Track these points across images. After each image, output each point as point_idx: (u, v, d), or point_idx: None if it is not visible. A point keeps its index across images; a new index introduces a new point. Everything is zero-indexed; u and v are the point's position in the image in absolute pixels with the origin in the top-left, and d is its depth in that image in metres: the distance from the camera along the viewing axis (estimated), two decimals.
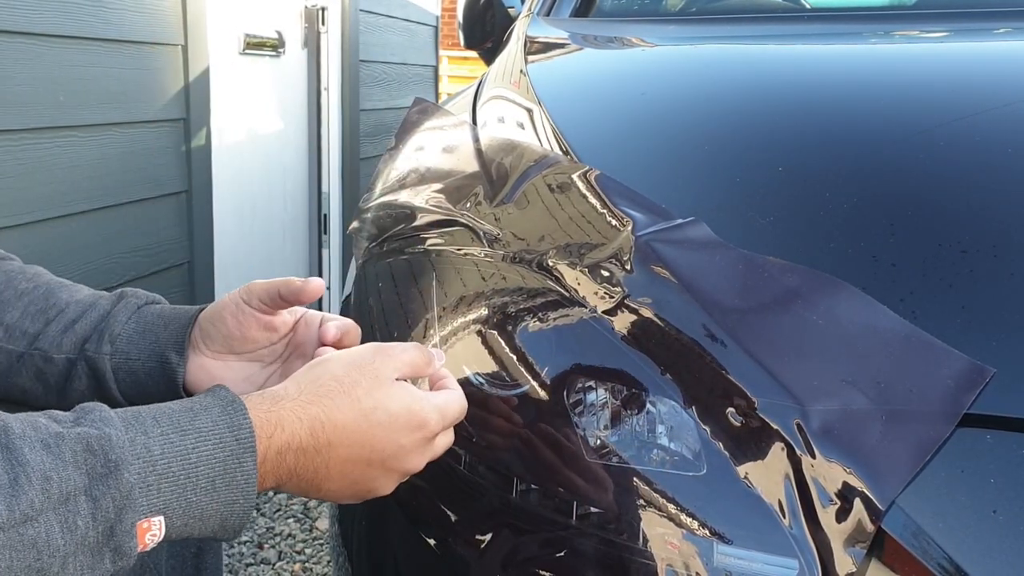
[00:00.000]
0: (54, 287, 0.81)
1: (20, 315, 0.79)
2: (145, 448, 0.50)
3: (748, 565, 0.53)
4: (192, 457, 0.51)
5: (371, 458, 0.59)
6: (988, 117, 0.78)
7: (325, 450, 0.57)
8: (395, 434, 0.59)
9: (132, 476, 0.49)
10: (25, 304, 0.80)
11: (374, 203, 0.98)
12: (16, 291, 0.81)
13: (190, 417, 0.53)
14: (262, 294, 0.72)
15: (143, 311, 0.78)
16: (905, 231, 0.66)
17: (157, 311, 0.78)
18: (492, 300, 0.72)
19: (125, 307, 0.78)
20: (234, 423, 0.53)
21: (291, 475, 0.56)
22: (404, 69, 3.60)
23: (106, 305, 0.79)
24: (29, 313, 0.79)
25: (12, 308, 0.80)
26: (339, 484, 0.59)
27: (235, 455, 0.53)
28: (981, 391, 0.54)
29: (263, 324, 0.73)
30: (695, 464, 0.57)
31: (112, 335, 0.77)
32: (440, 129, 1.07)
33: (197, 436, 0.52)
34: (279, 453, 0.55)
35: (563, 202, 0.79)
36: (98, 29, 1.72)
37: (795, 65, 1.03)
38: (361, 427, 0.58)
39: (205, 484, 0.52)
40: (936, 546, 0.50)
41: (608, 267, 0.68)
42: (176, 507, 0.51)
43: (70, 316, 0.79)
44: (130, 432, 0.51)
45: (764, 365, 0.58)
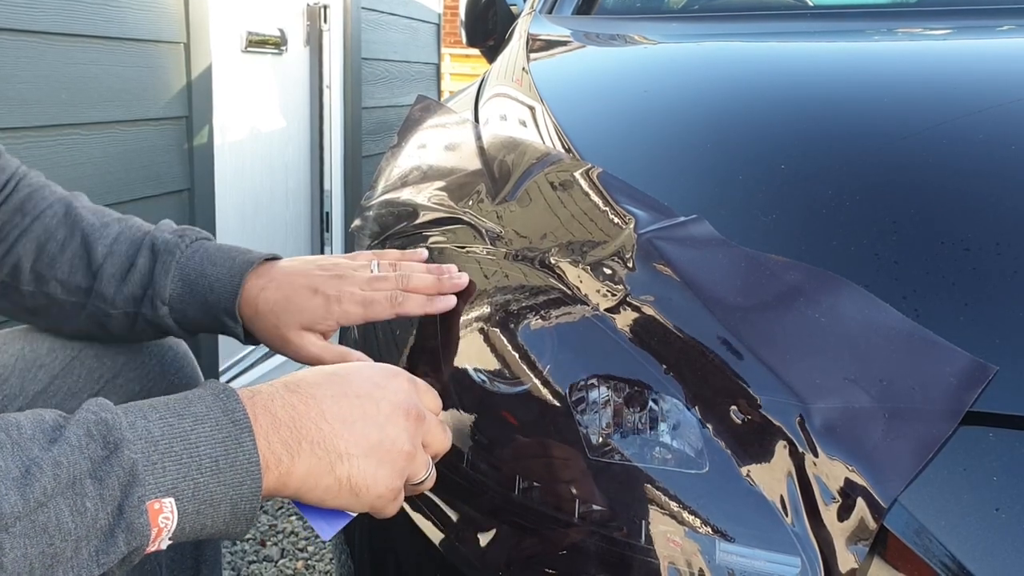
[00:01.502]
0: (88, 234, 0.84)
1: (69, 270, 0.83)
2: (146, 430, 0.51)
3: (750, 563, 0.53)
4: (191, 437, 0.52)
5: (358, 391, 0.60)
6: (991, 114, 0.78)
7: (310, 397, 0.58)
8: (368, 373, 0.61)
9: (134, 454, 0.49)
10: (69, 258, 0.84)
11: (376, 201, 0.98)
12: (58, 243, 0.84)
13: (185, 404, 0.54)
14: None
15: (184, 268, 0.81)
16: (907, 229, 0.66)
17: (198, 269, 0.80)
18: (494, 298, 0.72)
19: (163, 267, 0.81)
20: (228, 407, 0.54)
21: (292, 432, 0.56)
22: (406, 67, 3.60)
23: (144, 264, 0.82)
24: (77, 268, 0.83)
25: (60, 263, 0.84)
26: (349, 433, 0.58)
27: (232, 436, 0.53)
28: (984, 389, 0.54)
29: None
30: (697, 462, 0.57)
31: (162, 298, 0.81)
32: (442, 127, 1.07)
33: (194, 419, 0.53)
34: (266, 408, 0.56)
35: (565, 200, 0.79)
36: (101, 27, 1.72)
37: (798, 63, 1.03)
38: (333, 375, 0.60)
39: (209, 464, 0.52)
40: (938, 544, 0.49)
41: (610, 265, 0.68)
42: (184, 488, 0.51)
43: (112, 272, 0.82)
44: (129, 416, 0.51)
45: (766, 363, 0.58)
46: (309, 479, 0.56)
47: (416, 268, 0.77)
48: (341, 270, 0.77)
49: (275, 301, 0.77)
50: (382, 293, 0.75)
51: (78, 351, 0.90)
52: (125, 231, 0.84)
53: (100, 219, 0.85)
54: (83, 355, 0.90)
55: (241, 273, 0.79)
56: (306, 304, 0.76)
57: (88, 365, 0.90)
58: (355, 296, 0.75)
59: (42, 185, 0.88)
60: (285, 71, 2.65)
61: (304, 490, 0.57)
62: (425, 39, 3.82)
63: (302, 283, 0.76)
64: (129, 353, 0.92)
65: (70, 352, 0.89)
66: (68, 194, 0.89)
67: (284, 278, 0.78)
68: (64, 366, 0.89)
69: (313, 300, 0.75)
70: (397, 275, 0.76)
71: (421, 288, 0.75)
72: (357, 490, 0.58)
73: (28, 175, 0.89)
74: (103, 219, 0.85)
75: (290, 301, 0.76)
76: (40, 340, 0.89)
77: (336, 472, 0.57)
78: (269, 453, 0.55)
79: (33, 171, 0.90)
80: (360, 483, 0.58)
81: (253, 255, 0.81)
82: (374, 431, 0.59)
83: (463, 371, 0.69)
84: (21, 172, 0.89)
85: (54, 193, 0.88)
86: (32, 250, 0.84)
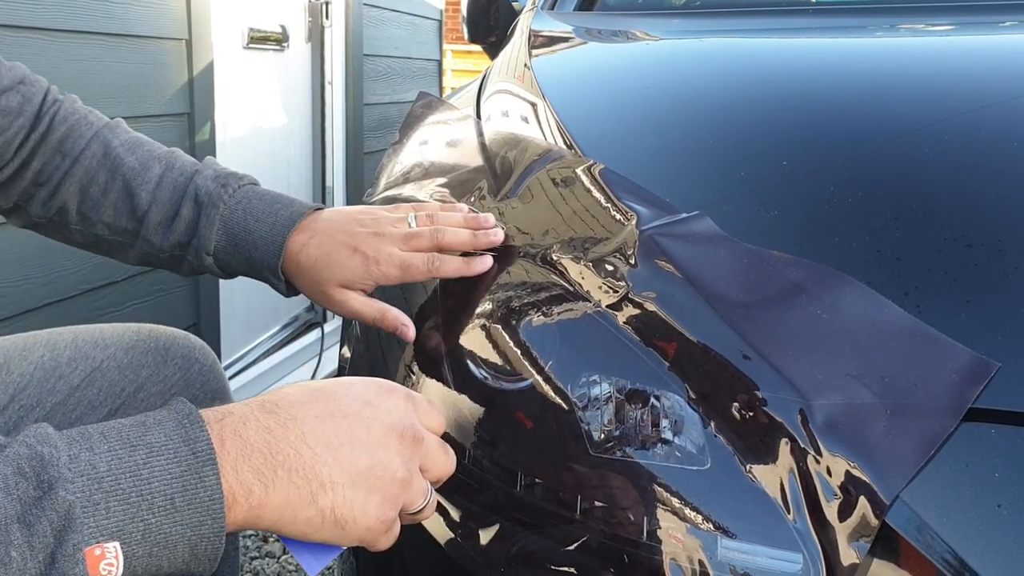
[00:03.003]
0: (129, 179, 0.83)
1: (113, 214, 0.84)
2: (90, 465, 0.45)
3: (752, 559, 0.53)
4: (143, 473, 0.46)
5: (346, 411, 0.54)
6: (994, 111, 0.78)
7: (289, 419, 0.52)
8: (359, 389, 0.56)
9: (71, 495, 0.43)
10: (113, 202, 0.84)
11: (378, 197, 0.98)
12: (100, 187, 0.84)
13: (141, 432, 0.48)
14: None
15: (227, 221, 0.81)
16: (909, 225, 0.66)
17: (241, 224, 0.80)
18: (496, 294, 0.72)
19: (207, 219, 0.81)
20: (190, 436, 0.48)
21: (266, 459, 0.50)
22: (408, 63, 3.59)
23: (188, 215, 0.82)
24: (121, 212, 0.84)
25: (104, 207, 0.84)
26: (333, 458, 0.52)
27: (193, 469, 0.47)
28: (986, 385, 0.54)
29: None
30: (699, 458, 0.57)
31: (206, 250, 0.82)
32: (444, 123, 1.07)
33: (149, 451, 0.47)
34: (236, 433, 0.50)
35: (567, 196, 0.79)
36: (102, 24, 1.72)
37: (800, 59, 1.03)
38: (318, 393, 0.55)
39: (163, 503, 0.46)
40: (940, 540, 0.50)
41: (612, 261, 0.68)
42: (132, 530, 0.45)
43: (157, 220, 0.83)
44: (73, 448, 0.46)
45: (768, 359, 0.58)
46: (287, 511, 0.51)
47: (452, 220, 0.77)
48: (380, 226, 0.77)
49: (316, 258, 0.77)
50: (420, 256, 0.75)
51: (100, 363, 0.88)
52: (167, 175, 0.83)
53: (140, 159, 0.84)
54: (105, 367, 0.88)
55: (284, 231, 0.79)
56: (346, 263, 0.76)
57: (110, 378, 0.88)
58: (393, 258, 0.75)
59: (78, 119, 0.86)
60: (287, 67, 2.65)
61: (282, 523, 0.51)
62: (427, 35, 3.82)
63: (342, 240, 0.77)
64: (153, 366, 0.90)
65: (91, 364, 0.88)
66: (104, 125, 0.87)
67: (325, 234, 0.78)
68: (84, 377, 0.87)
69: (352, 259, 0.76)
70: (432, 231, 0.75)
71: (455, 244, 0.75)
72: (343, 522, 0.52)
73: (61, 105, 0.87)
74: (143, 159, 0.85)
75: (331, 258, 0.76)
76: (62, 348, 0.88)
77: (318, 503, 0.51)
78: (237, 484, 0.49)
79: (66, 97, 0.88)
80: (346, 514, 0.52)
81: (296, 208, 0.80)
82: (363, 456, 0.53)
83: (466, 367, 0.69)
84: (51, 102, 0.86)
85: (91, 126, 0.86)
86: (76, 192, 0.84)
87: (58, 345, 0.88)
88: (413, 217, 0.78)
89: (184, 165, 0.85)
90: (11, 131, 0.83)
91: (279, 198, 0.82)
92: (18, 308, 1.60)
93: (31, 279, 1.62)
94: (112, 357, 0.89)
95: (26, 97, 0.84)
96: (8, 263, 1.56)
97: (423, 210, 0.79)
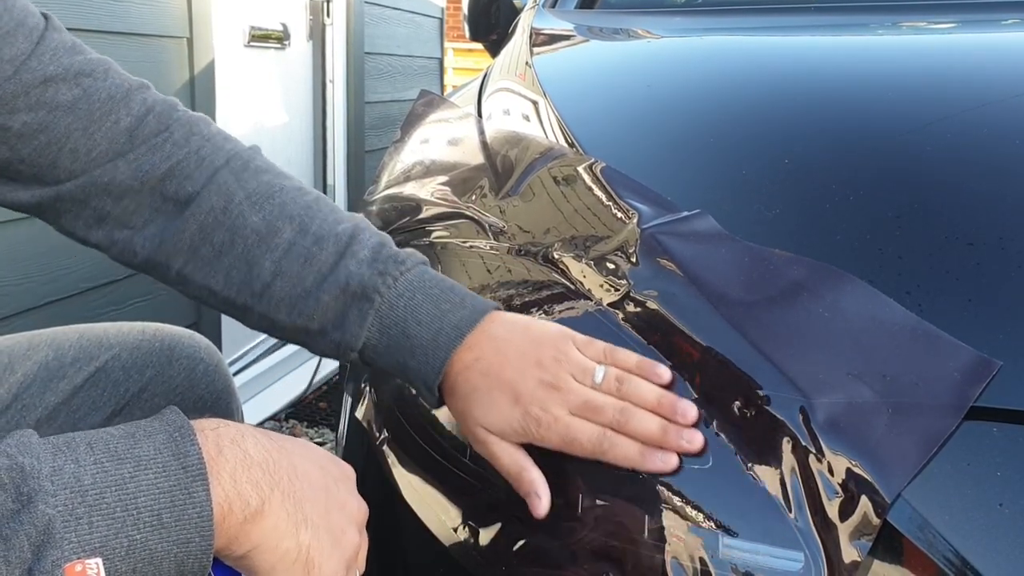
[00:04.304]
0: (251, 245, 0.68)
1: (224, 283, 0.69)
2: (74, 477, 0.43)
3: (753, 558, 0.53)
4: (129, 487, 0.44)
5: (321, 463, 0.55)
6: (995, 109, 0.78)
7: (281, 448, 0.52)
8: (319, 454, 0.57)
9: (52, 509, 0.42)
10: (226, 269, 0.69)
11: (379, 196, 0.98)
12: (214, 248, 0.69)
13: (130, 444, 0.46)
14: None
15: (383, 319, 0.66)
16: (911, 223, 0.66)
17: (400, 326, 0.66)
18: (498, 293, 0.72)
19: (359, 315, 0.66)
20: (180, 450, 0.46)
21: (265, 475, 0.49)
22: (409, 61, 3.59)
23: (333, 305, 0.67)
24: (233, 283, 0.69)
25: (214, 272, 0.69)
26: (315, 499, 0.52)
27: (182, 484, 0.45)
28: (987, 384, 0.54)
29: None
30: (700, 457, 0.57)
31: (352, 347, 0.67)
32: (445, 121, 1.07)
33: (136, 464, 0.45)
34: (235, 443, 0.49)
35: (568, 195, 0.79)
36: (104, 22, 1.72)
37: (802, 57, 1.03)
38: (291, 439, 0.55)
39: (149, 518, 0.44)
40: (941, 539, 0.49)
41: (614, 260, 0.68)
42: (116, 546, 0.43)
43: (282, 297, 0.68)
44: (57, 460, 0.44)
45: (770, 358, 0.58)
46: (272, 536, 0.49)
47: (645, 399, 0.60)
48: (560, 375, 0.62)
49: (474, 388, 0.63)
50: (589, 431, 0.60)
51: (104, 362, 0.87)
52: (299, 243, 0.68)
53: (267, 219, 0.68)
54: (109, 367, 0.87)
55: (448, 345, 0.64)
56: (503, 411, 0.62)
57: (114, 378, 0.87)
58: (558, 424, 0.60)
59: (190, 153, 0.71)
60: (288, 66, 2.65)
61: (261, 550, 0.49)
62: (428, 33, 3.82)
63: (508, 379, 0.62)
64: (158, 366, 0.89)
65: (95, 364, 0.87)
66: (225, 163, 0.70)
67: (493, 361, 0.63)
68: (88, 377, 0.86)
69: (511, 410, 0.61)
70: (617, 408, 0.60)
71: (642, 434, 0.59)
72: (311, 565, 0.51)
73: (171, 134, 0.70)
74: (271, 218, 0.69)
75: (489, 398, 0.62)
76: (66, 348, 0.87)
77: (299, 536, 0.50)
78: (235, 494, 0.48)
79: (179, 118, 0.72)
80: (316, 558, 0.51)
81: (467, 312, 0.65)
82: (335, 508, 0.54)
83: None
84: (156, 123, 0.70)
85: (206, 163, 0.70)
86: (183, 251, 0.69)
87: (62, 345, 0.87)
88: (602, 374, 0.62)
89: (325, 231, 0.68)
90: (58, 130, 0.68)
91: (448, 293, 0.66)
92: (19, 307, 1.60)
93: (32, 278, 1.62)
94: (117, 357, 0.88)
95: (87, 92, 0.69)
96: (9, 262, 1.56)
97: (618, 364, 0.62)
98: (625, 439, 0.59)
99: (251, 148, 0.73)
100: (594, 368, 0.62)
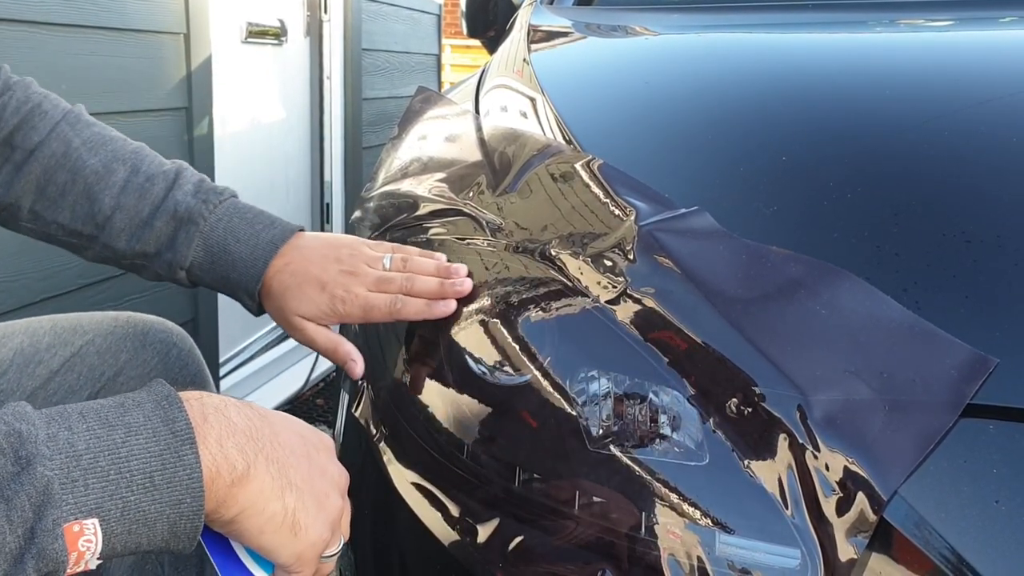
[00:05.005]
0: (91, 183, 0.80)
1: (70, 216, 0.81)
2: (68, 443, 0.45)
3: (750, 555, 0.53)
4: (122, 451, 0.46)
5: (301, 432, 0.58)
6: (993, 106, 0.78)
7: (263, 417, 0.55)
8: (300, 426, 0.60)
9: (50, 471, 0.44)
10: (71, 205, 0.81)
11: (376, 192, 0.98)
12: (58, 188, 0.81)
13: (120, 412, 0.48)
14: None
15: (207, 239, 0.80)
16: (908, 220, 0.66)
17: (221, 244, 0.79)
18: (495, 290, 0.72)
19: (186, 236, 0.80)
20: (169, 416, 0.49)
21: (249, 440, 0.51)
22: (407, 58, 3.59)
23: (164, 229, 0.80)
24: (79, 216, 0.81)
25: (60, 208, 0.81)
26: (297, 464, 0.55)
27: (172, 448, 0.48)
28: (984, 381, 0.54)
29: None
30: (697, 454, 0.57)
31: (181, 265, 0.80)
32: (443, 118, 1.07)
33: (127, 430, 0.47)
34: (218, 411, 0.51)
35: (566, 191, 0.79)
36: (101, 18, 1.72)
37: (799, 54, 1.03)
38: (273, 411, 0.58)
39: (142, 480, 0.46)
40: (938, 536, 0.50)
41: (611, 257, 0.68)
42: (111, 508, 0.45)
43: (122, 227, 0.80)
44: (51, 427, 0.46)
45: (767, 355, 0.58)
46: (259, 499, 0.52)
47: (425, 268, 0.77)
48: (355, 264, 0.78)
49: (286, 287, 0.78)
50: (383, 298, 0.75)
51: (79, 348, 0.89)
52: (132, 179, 0.81)
53: (103, 161, 0.81)
54: (84, 352, 0.89)
55: (265, 257, 0.79)
56: (314, 297, 0.77)
57: (89, 362, 0.89)
58: (358, 299, 0.76)
59: (31, 108, 0.83)
60: (285, 62, 2.65)
61: (249, 513, 0.51)
62: (426, 30, 3.81)
63: (315, 274, 0.77)
64: (132, 351, 0.91)
65: (71, 349, 0.88)
66: (63, 118, 0.83)
67: (300, 264, 0.78)
68: (64, 362, 0.88)
69: (320, 296, 0.77)
70: (403, 277, 0.76)
71: (424, 292, 0.74)
72: (297, 527, 0.54)
73: (12, 93, 0.83)
74: (106, 160, 0.81)
75: (300, 290, 0.77)
76: (41, 335, 0.88)
77: (284, 499, 0.53)
78: (222, 458, 0.50)
79: (20, 80, 0.84)
80: (302, 520, 0.54)
81: (278, 231, 0.80)
82: (317, 474, 0.56)
83: (464, 362, 0.69)
84: (2, 90, 0.82)
85: (47, 118, 0.83)
86: (31, 191, 0.81)
87: (37, 332, 0.89)
88: (389, 259, 0.79)
89: (154, 170, 0.82)
90: None
91: (260, 217, 0.81)
92: (16, 303, 1.60)
93: (28, 274, 1.62)
94: (91, 342, 0.90)
95: None
96: (5, 258, 1.56)
97: (401, 252, 0.79)
98: (413, 299, 0.74)
99: (78, 105, 0.86)
100: (383, 256, 0.79)
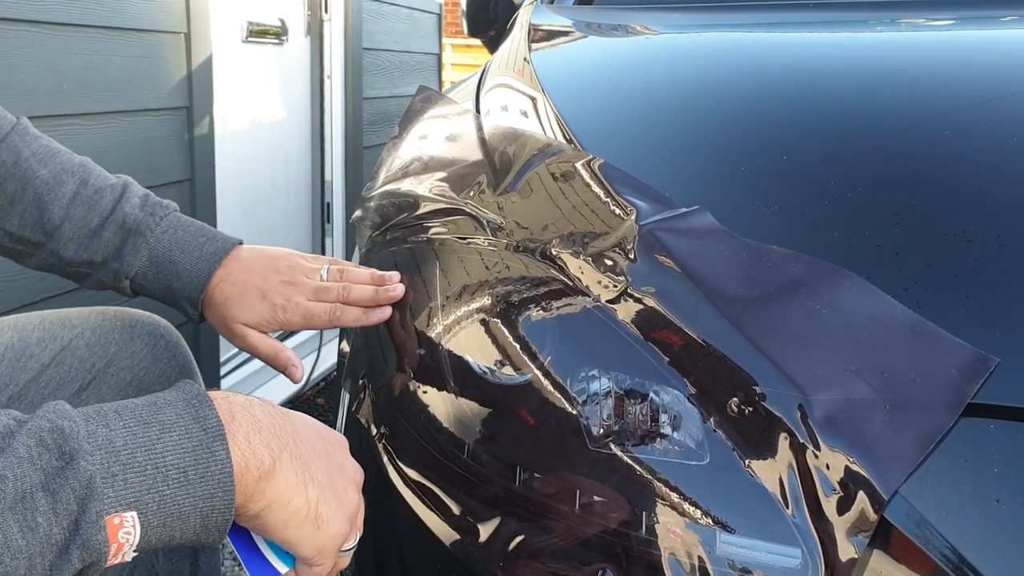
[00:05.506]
0: (41, 193, 0.83)
1: (18, 224, 0.84)
2: (107, 439, 0.48)
3: (751, 554, 0.53)
4: (158, 447, 0.49)
5: (319, 431, 0.61)
6: (993, 106, 0.78)
7: (285, 415, 0.57)
8: (319, 426, 0.63)
9: (92, 466, 0.46)
10: (20, 213, 0.83)
11: (377, 192, 0.98)
12: (7, 196, 0.83)
13: (153, 411, 0.51)
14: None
15: (153, 250, 0.83)
16: (909, 220, 0.66)
17: (167, 255, 0.83)
18: (495, 289, 0.72)
19: (133, 247, 0.83)
20: (200, 414, 0.51)
21: (274, 438, 0.54)
22: (407, 57, 3.59)
23: (112, 240, 0.83)
24: (27, 224, 0.83)
25: (8, 215, 0.83)
26: (318, 461, 0.57)
27: (204, 444, 0.50)
28: (985, 381, 0.54)
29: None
30: (698, 453, 0.57)
31: (127, 274, 0.83)
32: (444, 117, 1.07)
33: (161, 428, 0.50)
34: (245, 410, 0.54)
35: (567, 191, 0.79)
36: (102, 17, 1.72)
37: (800, 53, 1.03)
38: (293, 411, 0.61)
39: (176, 475, 0.49)
40: (939, 535, 0.50)
41: (611, 256, 0.68)
42: (148, 501, 0.48)
43: (70, 236, 0.83)
44: (90, 425, 0.48)
45: (767, 354, 0.58)
46: (284, 493, 0.54)
47: (360, 277, 0.82)
48: (294, 275, 0.82)
49: (228, 296, 0.81)
50: (323, 307, 0.80)
51: (68, 341, 0.90)
52: (82, 191, 0.84)
53: (53, 172, 0.84)
54: (74, 345, 0.90)
55: (209, 268, 0.82)
56: (255, 306, 0.81)
57: (79, 355, 0.90)
58: (299, 307, 0.80)
59: None
60: (286, 61, 2.65)
61: (275, 507, 0.54)
62: (426, 29, 3.81)
63: (256, 284, 0.81)
64: (120, 343, 0.92)
65: (60, 343, 0.89)
66: (12, 130, 0.85)
67: (241, 275, 0.82)
68: (55, 356, 0.89)
69: (261, 304, 0.81)
70: (340, 286, 0.81)
71: (360, 301, 0.80)
72: (319, 521, 0.56)
73: None
74: (56, 172, 0.84)
75: (242, 299, 0.81)
76: (30, 330, 0.90)
77: (308, 494, 0.55)
78: (250, 453, 0.52)
79: None
80: (324, 514, 0.56)
81: (220, 244, 0.84)
82: (336, 470, 0.59)
83: (465, 362, 0.69)
84: None
85: None
86: None
87: (26, 327, 0.90)
88: (326, 270, 0.83)
89: (102, 183, 0.85)
90: None
91: (202, 230, 0.85)
92: (16, 303, 1.60)
93: (28, 273, 1.62)
94: (80, 336, 0.91)
95: None
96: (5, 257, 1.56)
97: (336, 264, 0.84)
98: (350, 308, 0.80)
99: (23, 118, 0.88)
100: (320, 267, 0.83)
